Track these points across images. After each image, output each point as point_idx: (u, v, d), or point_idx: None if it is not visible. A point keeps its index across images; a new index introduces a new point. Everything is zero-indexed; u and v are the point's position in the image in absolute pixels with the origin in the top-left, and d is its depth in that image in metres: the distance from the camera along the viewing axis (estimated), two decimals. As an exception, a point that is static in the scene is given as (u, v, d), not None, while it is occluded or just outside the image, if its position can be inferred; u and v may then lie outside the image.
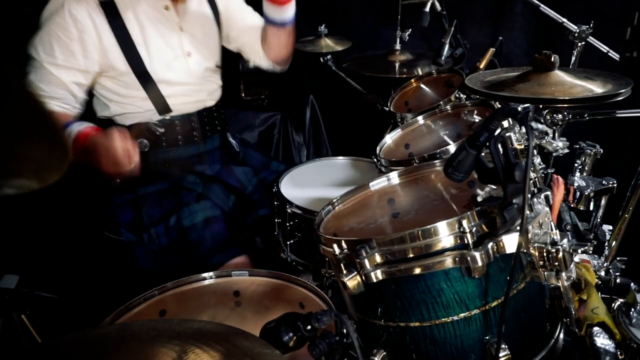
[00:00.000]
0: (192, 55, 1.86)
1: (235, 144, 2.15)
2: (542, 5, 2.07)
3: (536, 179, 1.11)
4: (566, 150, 1.62)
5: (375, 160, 1.68)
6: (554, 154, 1.62)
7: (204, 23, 1.92)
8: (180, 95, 1.86)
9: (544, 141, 1.62)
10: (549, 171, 1.88)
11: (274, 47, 2.03)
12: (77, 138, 1.60)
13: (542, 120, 1.65)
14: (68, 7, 1.60)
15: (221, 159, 2.04)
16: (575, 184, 1.76)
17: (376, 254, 0.99)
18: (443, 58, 2.07)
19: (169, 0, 1.76)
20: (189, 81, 1.87)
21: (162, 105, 1.82)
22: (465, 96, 1.86)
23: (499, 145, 0.92)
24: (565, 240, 0.97)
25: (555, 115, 1.60)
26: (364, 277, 1.00)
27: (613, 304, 1.34)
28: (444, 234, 0.96)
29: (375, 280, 0.99)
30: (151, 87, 1.78)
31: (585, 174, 1.81)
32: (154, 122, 1.81)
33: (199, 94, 1.93)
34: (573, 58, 1.96)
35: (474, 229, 0.95)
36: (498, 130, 0.96)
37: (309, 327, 1.02)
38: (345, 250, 1.03)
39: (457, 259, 0.95)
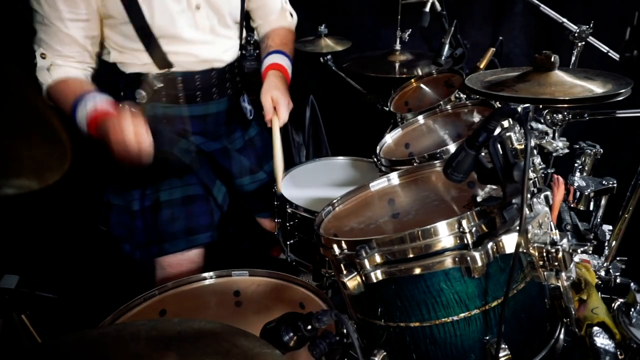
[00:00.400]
0: (201, 9, 1.69)
1: (250, 110, 2.03)
2: (542, 5, 2.07)
3: (536, 179, 1.11)
4: (566, 150, 1.63)
5: (375, 160, 1.68)
6: (554, 154, 1.62)
7: None
8: (183, 53, 1.72)
9: (544, 141, 1.62)
10: (549, 171, 1.88)
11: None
12: (91, 116, 1.52)
13: (542, 120, 1.65)
14: None
15: (227, 124, 1.92)
16: (575, 184, 1.76)
17: (376, 254, 0.99)
18: (443, 58, 2.07)
19: None
20: (195, 37, 1.72)
21: (162, 61, 1.70)
22: (465, 96, 1.86)
23: (498, 146, 0.92)
24: (565, 240, 0.97)
25: (555, 115, 1.60)
26: (364, 278, 1.00)
27: (613, 304, 1.34)
28: (444, 234, 0.96)
29: (375, 281, 0.99)
30: (151, 41, 1.65)
31: (585, 174, 1.81)
32: (154, 75, 1.71)
33: (206, 52, 1.77)
34: (573, 58, 1.96)
35: (474, 229, 0.95)
36: (497, 131, 0.96)
37: (309, 327, 1.02)
38: (345, 251, 1.03)
39: (457, 259, 0.95)
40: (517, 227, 0.93)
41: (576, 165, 1.81)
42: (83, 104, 1.53)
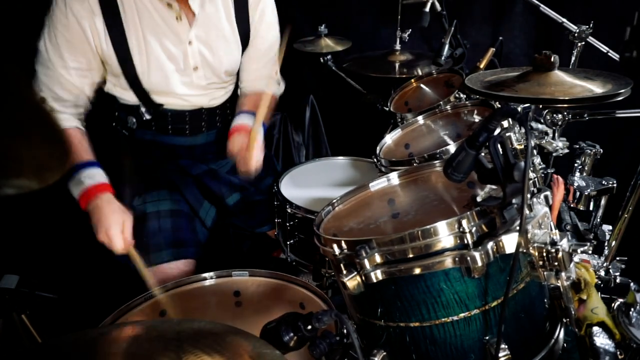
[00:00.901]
0: (198, 70, 1.75)
1: None
2: (542, 5, 2.07)
3: (536, 179, 1.11)
4: (566, 150, 1.63)
5: (375, 160, 1.68)
6: (554, 154, 1.62)
7: (222, 37, 1.77)
8: (174, 102, 1.79)
9: (544, 141, 1.62)
10: (549, 171, 1.88)
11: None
12: (85, 194, 1.58)
13: (542, 120, 1.65)
14: (70, 6, 1.56)
15: (216, 152, 1.95)
16: (575, 184, 1.76)
17: (376, 254, 0.99)
18: (443, 58, 2.07)
19: (182, 11, 1.65)
20: (188, 93, 1.79)
21: (152, 106, 1.78)
22: (465, 96, 1.86)
23: (498, 146, 0.92)
24: (565, 240, 0.97)
25: (555, 115, 1.60)
26: (363, 278, 1.00)
27: (613, 304, 1.34)
28: (444, 234, 0.96)
29: (375, 281, 0.99)
30: (141, 92, 1.73)
31: (585, 174, 1.81)
32: (144, 109, 1.77)
33: (198, 101, 1.84)
34: (573, 58, 1.96)
35: (474, 229, 0.95)
36: (497, 130, 0.96)
37: (309, 327, 1.02)
38: (345, 251, 1.03)
39: (457, 259, 0.95)
40: (517, 227, 0.93)
41: (576, 165, 1.81)
42: (78, 178, 1.58)
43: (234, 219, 2.06)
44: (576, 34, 1.92)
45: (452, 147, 1.48)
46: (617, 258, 1.65)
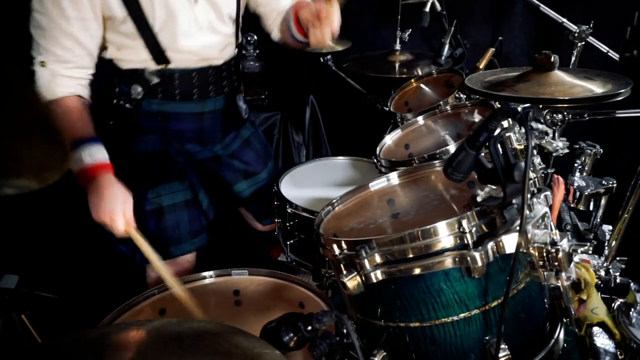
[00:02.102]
0: (199, 2, 1.66)
1: (245, 109, 2.01)
2: (542, 5, 2.07)
3: (536, 179, 1.11)
4: (566, 150, 1.63)
5: (375, 160, 1.68)
6: (554, 154, 1.62)
7: None
8: (181, 50, 1.69)
9: (544, 141, 1.62)
10: (549, 171, 1.88)
11: (288, 44, 1.91)
12: (85, 171, 1.51)
13: (542, 120, 1.65)
14: None
15: (223, 122, 1.90)
16: (575, 184, 1.76)
17: (376, 254, 0.99)
18: (443, 58, 2.07)
19: None
20: (194, 32, 1.68)
21: (159, 57, 1.67)
22: (465, 96, 1.86)
23: (499, 146, 0.92)
24: (565, 241, 0.97)
25: (555, 115, 1.60)
26: (363, 278, 1.00)
27: (613, 304, 1.34)
28: (444, 234, 0.96)
29: (375, 281, 0.99)
30: (150, 36, 1.63)
31: (585, 174, 1.81)
32: (150, 71, 1.69)
33: (204, 49, 1.75)
34: (573, 58, 1.96)
35: (474, 229, 0.95)
36: (497, 131, 0.96)
37: (309, 327, 1.02)
38: (345, 251, 1.03)
39: (457, 259, 0.95)
40: (518, 228, 0.93)
41: (576, 165, 1.81)
42: (77, 154, 1.51)
43: (242, 205, 2.05)
44: (576, 34, 1.92)
45: (452, 147, 1.48)
46: (617, 258, 1.65)
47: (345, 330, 1.02)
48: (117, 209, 1.46)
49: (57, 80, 1.56)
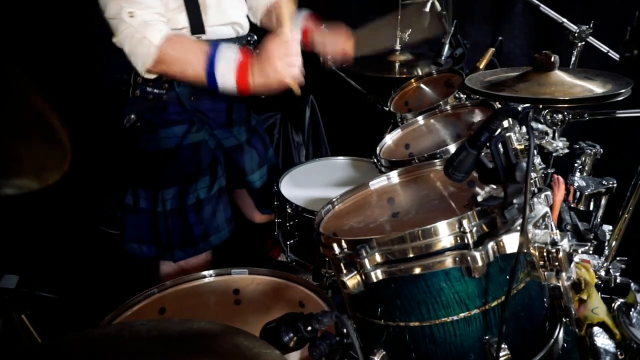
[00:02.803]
0: None
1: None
2: (542, 5, 2.07)
3: (536, 179, 1.11)
4: (566, 150, 1.63)
5: (375, 160, 1.68)
6: (554, 154, 1.62)
7: None
8: (215, 7, 1.72)
9: (544, 141, 1.62)
10: (549, 171, 1.88)
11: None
12: (240, 65, 1.56)
13: (542, 120, 1.65)
14: None
15: (245, 102, 1.95)
16: (575, 184, 1.76)
17: (376, 253, 0.99)
18: (443, 58, 2.07)
19: None
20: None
21: (196, 20, 1.67)
22: (465, 96, 1.86)
23: (500, 145, 0.92)
24: (565, 240, 0.97)
25: (555, 115, 1.60)
26: (363, 277, 1.00)
27: (613, 304, 1.34)
28: (444, 234, 0.96)
29: (375, 280, 0.99)
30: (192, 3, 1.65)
31: (585, 174, 1.81)
32: None
33: (232, 12, 1.79)
34: (573, 58, 1.96)
35: (474, 229, 0.95)
36: (499, 130, 0.96)
37: (309, 328, 1.02)
38: (345, 250, 1.03)
39: (457, 258, 0.95)
40: (518, 228, 0.93)
41: (576, 165, 1.81)
42: (223, 58, 1.54)
43: (251, 194, 2.09)
44: (576, 34, 1.92)
45: (452, 147, 1.48)
46: (617, 258, 1.65)
47: (345, 330, 1.02)
48: (283, 60, 1.53)
49: (152, 26, 1.54)
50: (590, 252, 1.63)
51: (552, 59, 1.42)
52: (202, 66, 1.54)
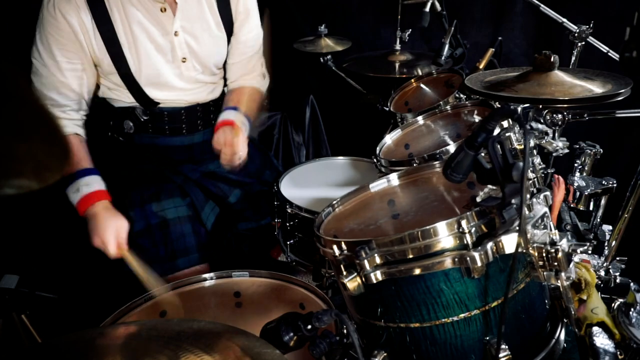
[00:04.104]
0: (187, 61, 1.77)
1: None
2: (542, 5, 2.07)
3: (536, 179, 1.11)
4: (566, 150, 1.63)
5: (375, 160, 1.68)
6: (554, 154, 1.62)
7: (207, 28, 1.79)
8: (169, 98, 1.81)
9: (544, 141, 1.62)
10: (549, 171, 1.88)
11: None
12: (82, 201, 1.61)
13: (542, 120, 1.65)
14: (58, 7, 1.56)
15: (213, 151, 1.89)
16: (575, 184, 1.76)
17: (376, 255, 0.99)
18: (443, 58, 2.07)
19: (165, 2, 1.67)
20: (180, 86, 1.80)
21: (147, 103, 1.79)
22: (465, 96, 1.86)
23: (497, 146, 0.92)
24: (564, 241, 0.97)
25: (555, 115, 1.60)
26: (363, 278, 1.00)
27: (613, 304, 1.34)
28: (444, 235, 0.96)
29: (375, 281, 0.99)
30: (136, 88, 1.74)
31: (585, 174, 1.81)
32: (141, 109, 1.80)
33: (192, 96, 1.86)
34: (573, 58, 1.96)
35: (473, 230, 0.95)
36: (496, 131, 0.96)
37: (309, 326, 1.02)
38: (345, 252, 1.03)
39: (456, 259, 0.95)
40: (517, 228, 0.93)
41: (576, 165, 1.81)
42: (75, 186, 1.61)
43: (240, 225, 2.08)
44: (576, 34, 1.92)
45: (452, 148, 1.48)
46: (617, 258, 1.65)
47: (345, 330, 1.02)
48: (108, 232, 1.54)
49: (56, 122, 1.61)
50: (590, 252, 1.63)
51: (552, 59, 1.42)
52: (66, 177, 1.62)
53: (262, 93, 2.06)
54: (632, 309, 1.32)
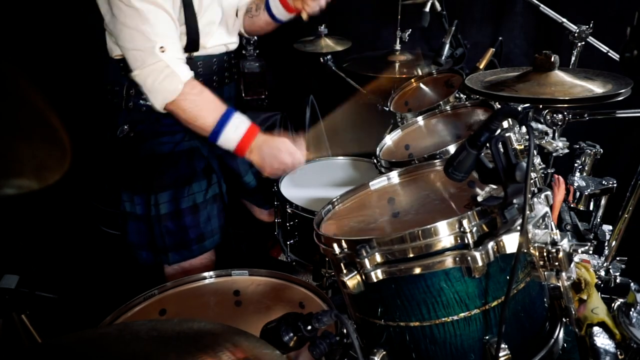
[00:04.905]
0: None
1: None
2: (542, 5, 2.07)
3: (536, 179, 1.11)
4: (566, 150, 1.63)
5: (375, 161, 1.68)
6: (554, 154, 1.62)
7: None
8: (211, 34, 1.76)
9: (544, 141, 1.62)
10: (549, 171, 1.88)
11: (257, 29, 2.03)
12: (246, 137, 1.63)
13: (542, 120, 1.65)
14: None
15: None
16: (575, 184, 1.76)
17: (376, 253, 0.99)
18: (443, 58, 2.07)
19: None
20: (220, 18, 1.79)
21: (192, 42, 1.71)
22: (465, 96, 1.86)
23: (500, 145, 0.92)
24: (565, 241, 0.97)
25: (555, 115, 1.60)
26: (364, 277, 1.00)
27: (613, 304, 1.34)
28: (444, 234, 0.96)
29: (375, 280, 0.99)
30: (191, 19, 1.66)
31: (585, 174, 1.81)
32: None
33: (226, 35, 1.85)
34: (573, 58, 1.96)
35: (474, 229, 0.95)
36: (499, 131, 0.96)
37: (309, 327, 1.02)
38: (346, 250, 1.03)
39: (457, 258, 0.95)
40: (518, 227, 0.93)
41: (576, 165, 1.81)
42: (233, 124, 1.62)
43: (247, 197, 2.15)
44: (576, 34, 1.92)
45: (452, 148, 1.48)
46: (617, 258, 1.65)
47: (345, 330, 1.02)
48: (289, 150, 1.66)
49: (181, 64, 1.59)
50: (590, 252, 1.63)
51: (552, 59, 1.42)
52: (211, 125, 1.60)
53: None
54: (632, 309, 1.32)
